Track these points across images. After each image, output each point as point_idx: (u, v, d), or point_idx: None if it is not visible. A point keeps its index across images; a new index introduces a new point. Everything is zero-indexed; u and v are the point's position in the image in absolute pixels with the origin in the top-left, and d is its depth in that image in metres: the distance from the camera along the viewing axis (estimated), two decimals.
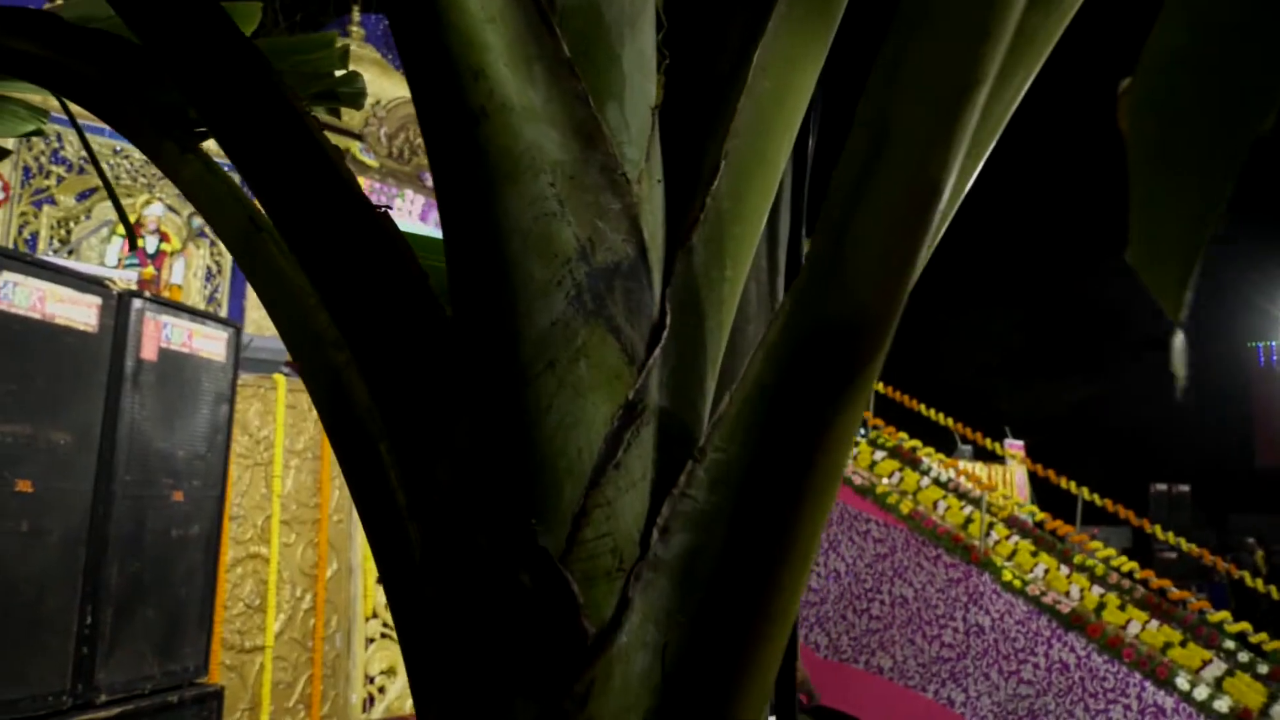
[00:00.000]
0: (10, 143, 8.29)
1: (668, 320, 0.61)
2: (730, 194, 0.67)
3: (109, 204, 8.38)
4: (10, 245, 7.94)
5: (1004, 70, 0.58)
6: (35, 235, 8.40)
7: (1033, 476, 12.50)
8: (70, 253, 7.66)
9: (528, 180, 0.55)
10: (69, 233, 8.49)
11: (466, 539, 0.57)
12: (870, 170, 0.35)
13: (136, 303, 3.76)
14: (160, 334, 3.90)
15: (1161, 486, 16.74)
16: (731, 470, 0.57)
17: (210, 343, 4.18)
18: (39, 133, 1.81)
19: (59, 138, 8.04)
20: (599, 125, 0.57)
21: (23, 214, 8.36)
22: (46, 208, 8.45)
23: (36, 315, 3.37)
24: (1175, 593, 8.20)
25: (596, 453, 0.57)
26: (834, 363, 0.37)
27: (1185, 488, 16.83)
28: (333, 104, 1.19)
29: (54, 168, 8.39)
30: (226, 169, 0.95)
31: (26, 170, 8.34)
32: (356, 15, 10.70)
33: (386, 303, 0.60)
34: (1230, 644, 7.96)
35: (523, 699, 0.55)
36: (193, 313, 4.17)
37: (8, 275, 3.26)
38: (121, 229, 8.56)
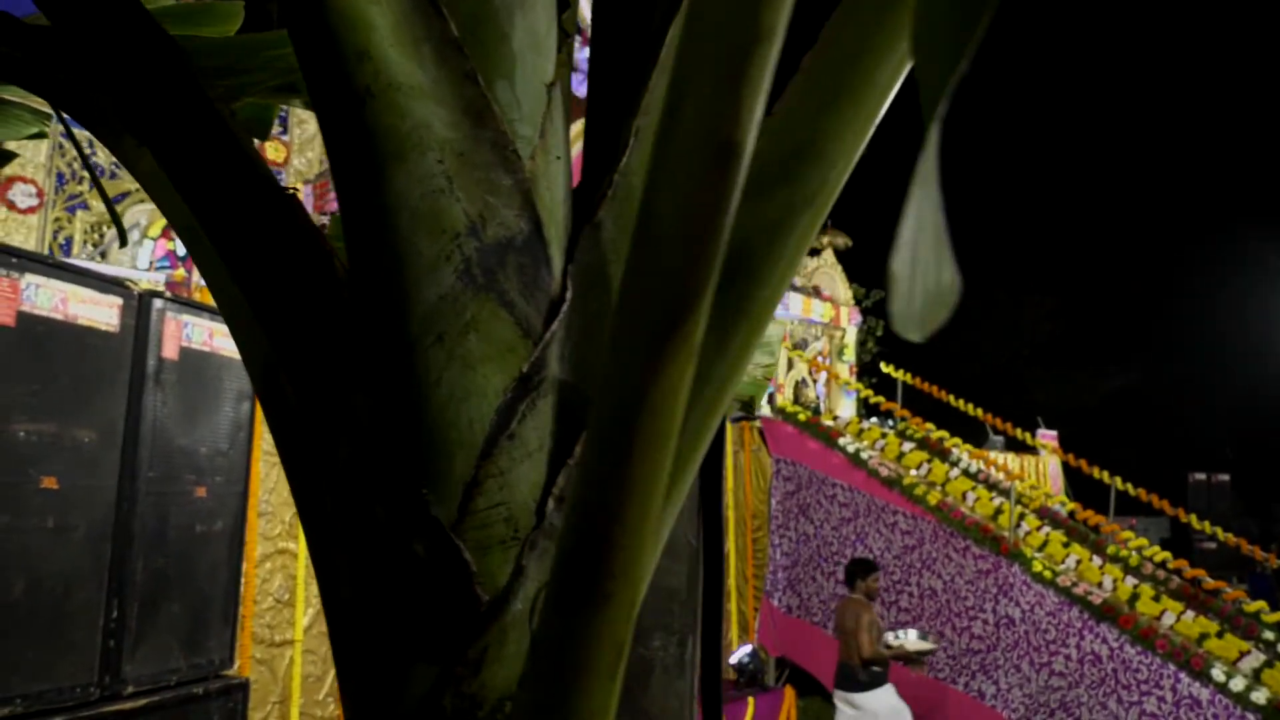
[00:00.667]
0: (43, 150, 8.47)
1: (568, 295, 0.62)
2: (640, 170, 0.68)
3: (140, 207, 8.53)
4: (45, 250, 8.11)
5: (890, 40, 0.59)
6: (70, 240, 8.57)
7: (1066, 467, 12.35)
8: (102, 255, 7.81)
9: (415, 158, 0.56)
10: (102, 236, 8.64)
11: (366, 511, 0.59)
12: (667, 134, 0.36)
13: (157, 303, 3.83)
14: (181, 333, 3.97)
15: (1200, 476, 16.45)
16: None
17: (231, 341, 4.25)
18: (41, 135, 1.85)
19: (91, 144, 8.18)
20: (488, 103, 0.58)
21: (57, 219, 8.52)
22: (80, 213, 8.61)
23: (59, 316, 3.45)
24: (1210, 582, 8.07)
25: (489, 424, 0.58)
26: (642, 330, 0.38)
27: (1225, 477, 16.53)
28: (302, 96, 1.21)
29: (86, 173, 8.54)
30: None
31: (60, 177, 8.51)
32: None
33: (291, 281, 0.61)
34: (1270, 635, 7.83)
35: (421, 665, 0.57)
36: (213, 312, 4.24)
37: (30, 277, 3.34)
38: (153, 231, 8.70)
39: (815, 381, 11.99)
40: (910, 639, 6.80)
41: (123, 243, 1.41)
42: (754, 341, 0.60)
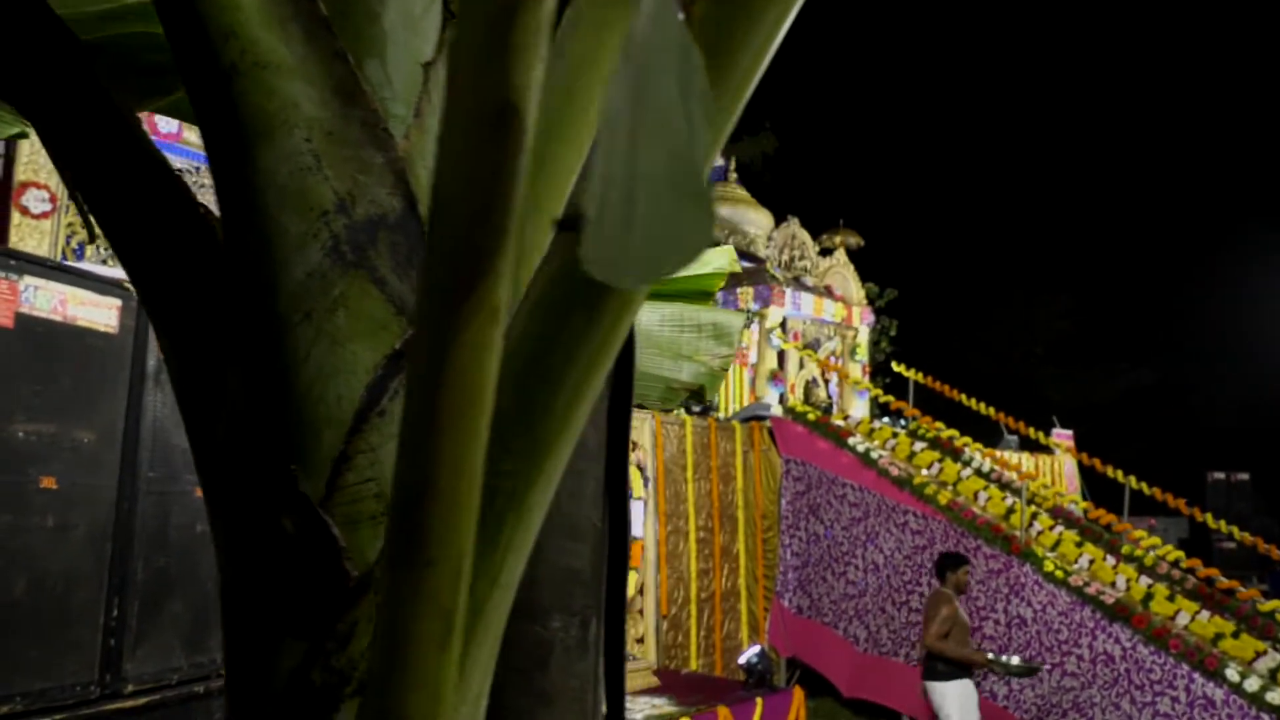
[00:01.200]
0: None
1: None
2: (533, 152, 0.68)
3: None
4: (59, 255, 8.19)
5: (753, 11, 0.59)
6: (83, 245, 8.65)
7: (1082, 466, 12.26)
8: (113, 256, 7.88)
9: (282, 136, 0.57)
10: None
11: (239, 487, 0.59)
12: (449, 97, 0.36)
13: None
14: None
15: (1219, 475, 16.27)
16: (501, 419, 0.59)
17: None
18: (23, 135, 1.87)
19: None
20: (358, 82, 0.59)
21: (70, 224, 8.60)
22: (93, 217, 8.65)
23: (58, 318, 3.49)
24: (1224, 581, 7.98)
25: (359, 400, 0.58)
26: (438, 295, 0.38)
27: (1244, 475, 16.34)
28: None
29: None
30: None
31: None
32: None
33: (169, 258, 0.62)
34: None
35: (291, 640, 0.57)
36: None
37: (29, 280, 3.38)
38: None
39: (828, 382, 11.95)
40: (1013, 662, 6.86)
41: (90, 239, 1.43)
42: (625, 319, 0.60)
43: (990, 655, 6.71)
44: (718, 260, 1.78)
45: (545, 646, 0.71)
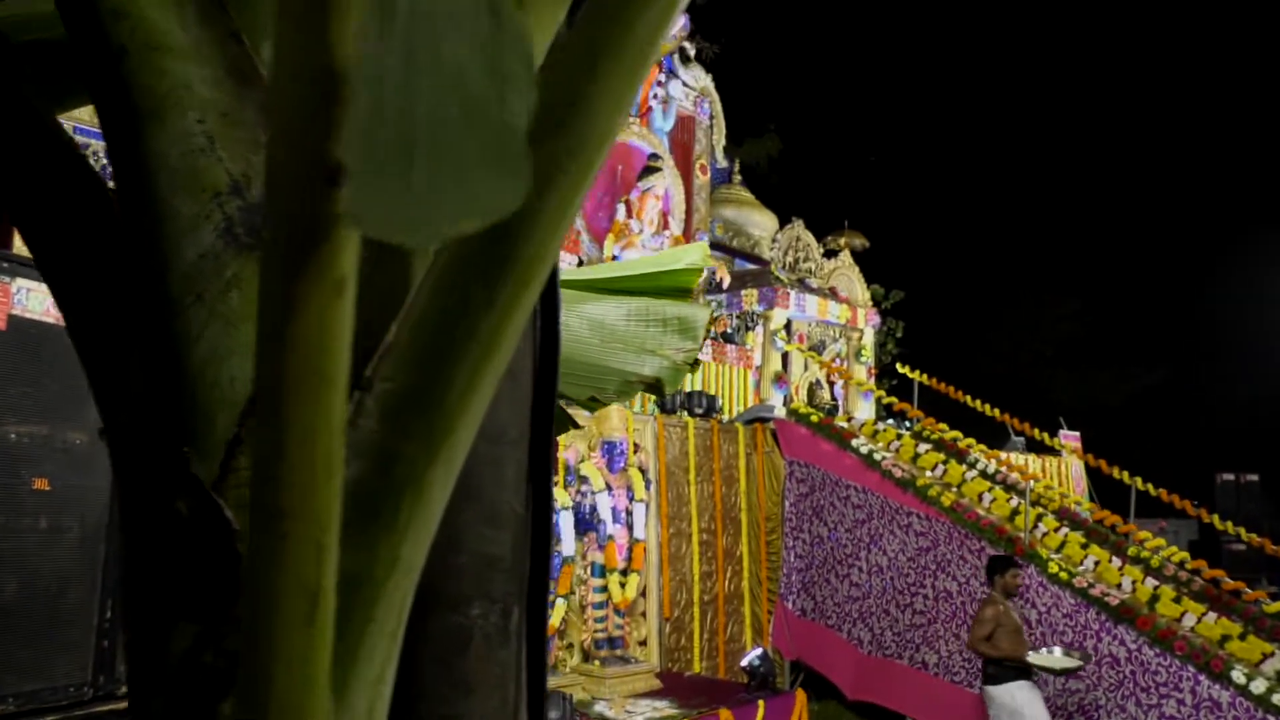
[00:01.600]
0: None
1: None
2: None
3: None
4: None
5: None
6: None
7: (1089, 468, 12.19)
8: None
9: (174, 118, 0.57)
10: None
11: (136, 471, 0.59)
12: (273, 62, 0.35)
13: None
14: None
15: (1229, 476, 16.18)
16: (401, 398, 0.58)
17: None
18: None
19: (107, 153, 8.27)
20: (254, 63, 0.59)
21: None
22: None
23: (51, 320, 3.51)
24: (1229, 583, 7.92)
25: (253, 382, 0.58)
26: (276, 266, 0.38)
27: (1254, 477, 16.25)
28: None
29: None
30: None
31: None
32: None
33: (71, 243, 0.62)
34: None
35: (184, 623, 0.57)
36: None
37: (21, 282, 3.40)
38: None
39: (832, 384, 11.92)
40: (1055, 655, 6.89)
41: None
42: (525, 296, 0.59)
43: (1030, 655, 6.69)
44: (690, 256, 1.77)
45: (465, 634, 0.70)
